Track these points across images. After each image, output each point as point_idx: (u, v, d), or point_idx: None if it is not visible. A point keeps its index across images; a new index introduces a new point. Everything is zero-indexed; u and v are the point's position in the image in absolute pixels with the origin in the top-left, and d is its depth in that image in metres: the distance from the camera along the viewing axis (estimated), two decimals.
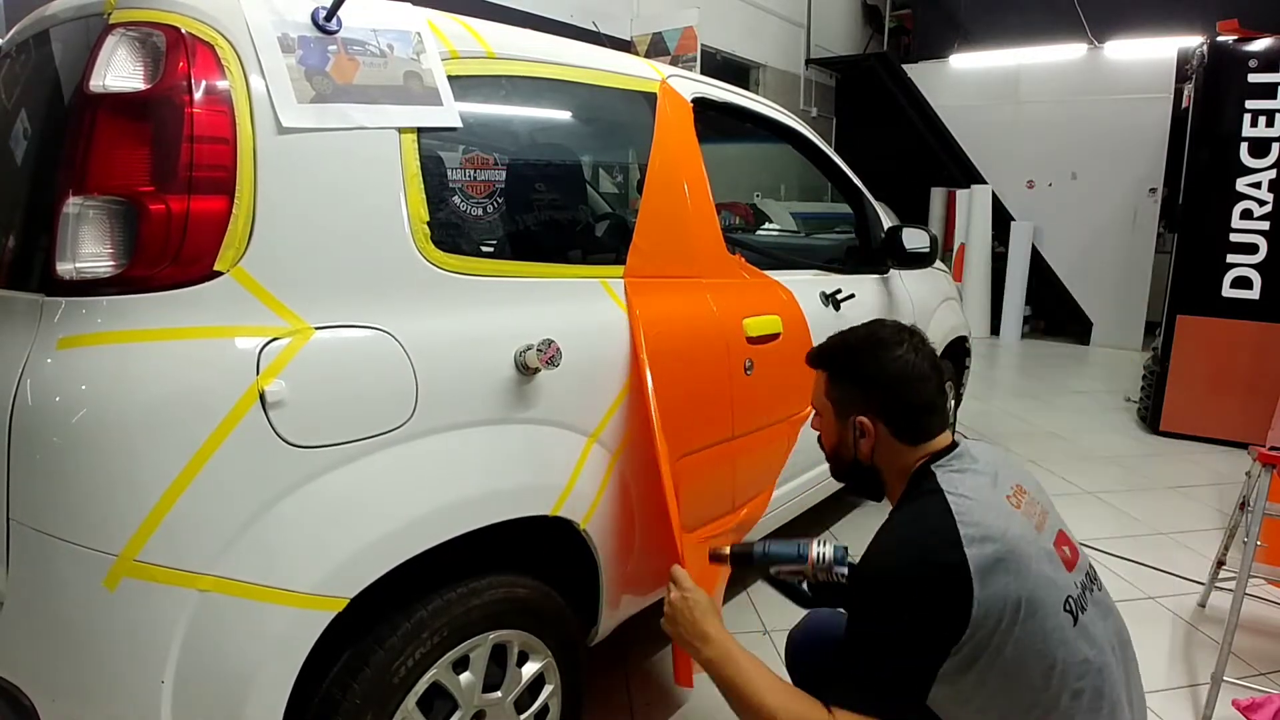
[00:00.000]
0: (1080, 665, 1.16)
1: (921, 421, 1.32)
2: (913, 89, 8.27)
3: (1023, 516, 1.22)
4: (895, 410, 1.32)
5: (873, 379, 1.34)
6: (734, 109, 2.21)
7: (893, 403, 1.32)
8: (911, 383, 1.32)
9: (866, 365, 1.35)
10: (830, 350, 1.42)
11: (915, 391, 1.32)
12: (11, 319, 1.07)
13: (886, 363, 1.32)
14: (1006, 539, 1.14)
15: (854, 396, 1.36)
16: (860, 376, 1.35)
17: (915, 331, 1.37)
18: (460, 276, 1.34)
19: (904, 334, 1.35)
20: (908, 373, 1.31)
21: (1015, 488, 1.29)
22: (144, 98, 1.06)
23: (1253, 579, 2.14)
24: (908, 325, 1.39)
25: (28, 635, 1.03)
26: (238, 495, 1.06)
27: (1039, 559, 1.16)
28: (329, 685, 1.19)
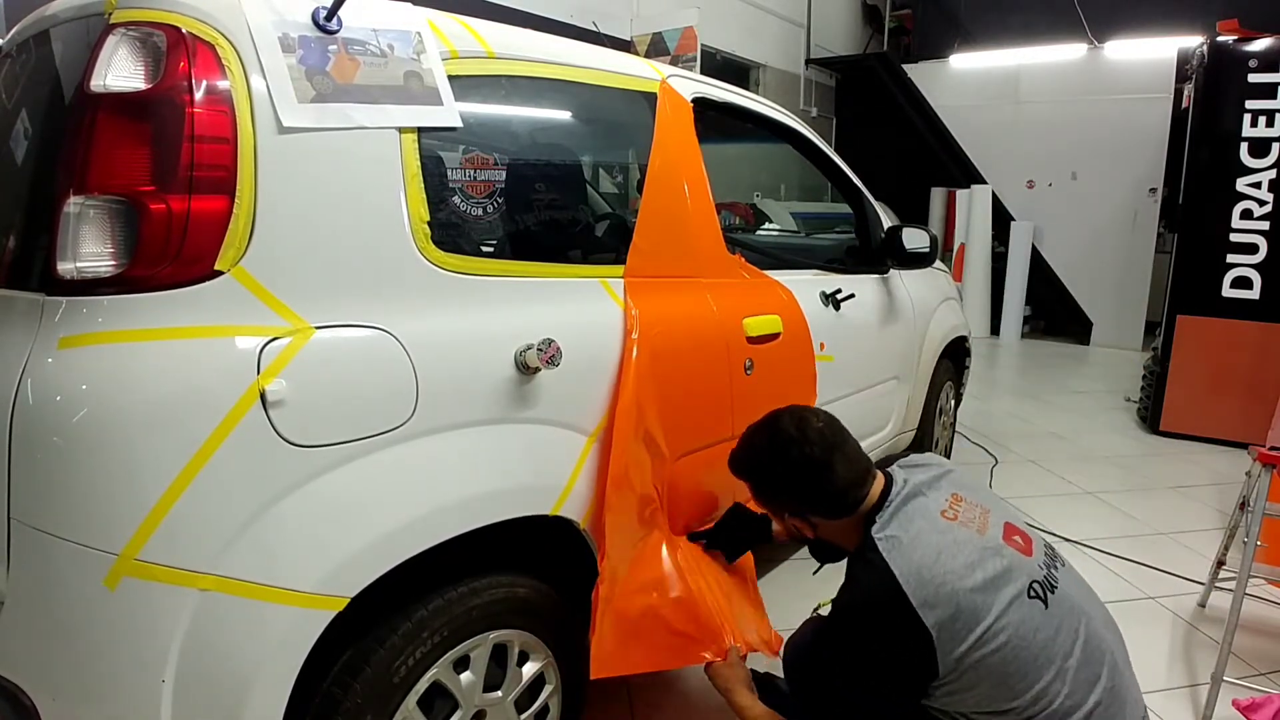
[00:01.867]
0: (1063, 640, 1.26)
1: (845, 499, 1.42)
2: (913, 89, 8.26)
3: (961, 528, 1.33)
4: (817, 503, 1.44)
5: (787, 488, 1.47)
6: (734, 109, 2.21)
7: (812, 498, 1.44)
8: (820, 477, 1.42)
9: (777, 477, 1.48)
10: (744, 465, 1.54)
11: (827, 482, 1.42)
12: (12, 318, 1.07)
13: (791, 468, 1.43)
14: (948, 576, 1.25)
15: (780, 504, 1.52)
16: (776, 489, 1.50)
17: (803, 420, 1.46)
18: (460, 276, 1.34)
19: (791, 431, 1.44)
20: (813, 471, 1.42)
21: (951, 498, 1.40)
22: (144, 97, 1.06)
23: (1253, 579, 2.14)
24: (794, 413, 1.49)
25: (28, 634, 1.03)
26: (238, 494, 1.06)
27: (980, 568, 1.27)
28: (329, 684, 1.19)
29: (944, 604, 1.22)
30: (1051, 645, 1.25)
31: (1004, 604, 1.24)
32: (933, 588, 1.23)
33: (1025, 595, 1.26)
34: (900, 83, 8.30)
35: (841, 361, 2.36)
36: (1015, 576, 1.27)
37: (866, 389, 2.61)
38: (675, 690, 2.04)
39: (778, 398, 2.09)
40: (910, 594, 1.23)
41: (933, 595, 1.22)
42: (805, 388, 2.23)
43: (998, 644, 1.22)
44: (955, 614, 1.22)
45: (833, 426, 1.48)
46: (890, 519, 1.35)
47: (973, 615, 1.22)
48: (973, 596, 1.23)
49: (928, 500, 1.38)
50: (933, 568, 1.25)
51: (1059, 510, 3.37)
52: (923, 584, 1.23)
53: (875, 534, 1.33)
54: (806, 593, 2.56)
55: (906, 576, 1.24)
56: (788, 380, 2.16)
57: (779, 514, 1.54)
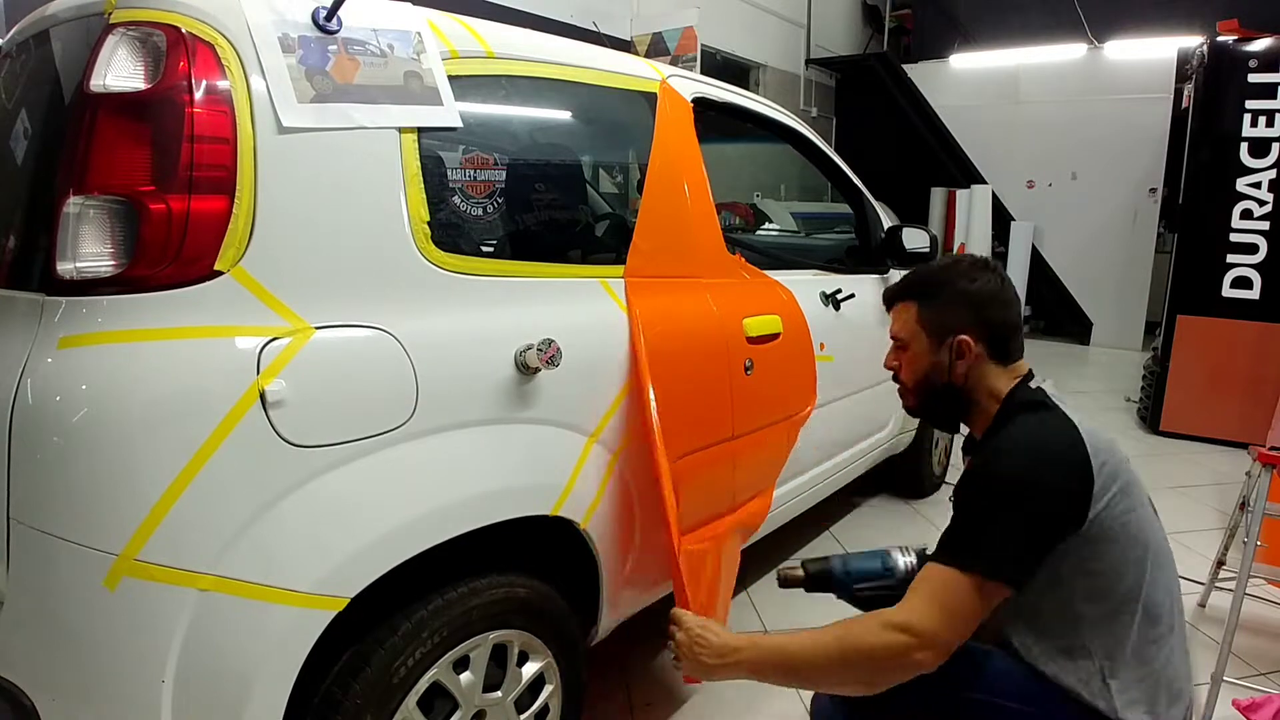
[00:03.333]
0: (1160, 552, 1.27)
1: (1015, 341, 1.37)
2: (913, 89, 8.26)
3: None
4: (994, 327, 1.34)
5: (971, 297, 1.36)
6: (734, 109, 2.21)
7: (991, 320, 1.34)
8: (1006, 303, 1.36)
9: (962, 286, 1.36)
10: (917, 281, 1.43)
11: (1009, 311, 1.36)
12: (12, 319, 1.07)
13: (980, 284, 1.35)
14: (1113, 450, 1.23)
15: (952, 316, 1.36)
16: (958, 296, 1.37)
17: (989, 259, 1.41)
18: (460, 276, 1.34)
19: (985, 261, 1.40)
20: (1000, 293, 1.35)
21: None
22: (144, 97, 1.06)
23: (1253, 579, 2.14)
24: (982, 257, 1.43)
25: (28, 634, 1.03)
26: (238, 495, 1.06)
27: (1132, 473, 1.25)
28: (329, 685, 1.19)
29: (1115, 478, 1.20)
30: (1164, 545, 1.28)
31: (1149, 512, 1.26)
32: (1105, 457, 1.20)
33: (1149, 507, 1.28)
34: (900, 83, 8.30)
35: (841, 361, 2.36)
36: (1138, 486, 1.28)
37: (867, 389, 2.61)
38: (675, 690, 2.04)
39: (778, 398, 2.11)
40: (1090, 450, 1.19)
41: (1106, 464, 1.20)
42: (805, 388, 2.23)
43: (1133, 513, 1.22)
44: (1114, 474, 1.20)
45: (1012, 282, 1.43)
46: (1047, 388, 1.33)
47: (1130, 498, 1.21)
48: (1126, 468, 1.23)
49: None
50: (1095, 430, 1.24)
51: None
52: (1098, 451, 1.20)
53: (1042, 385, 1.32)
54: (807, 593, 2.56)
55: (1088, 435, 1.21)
56: (788, 380, 2.16)
57: (942, 333, 1.37)
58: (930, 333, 1.38)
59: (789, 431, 2.19)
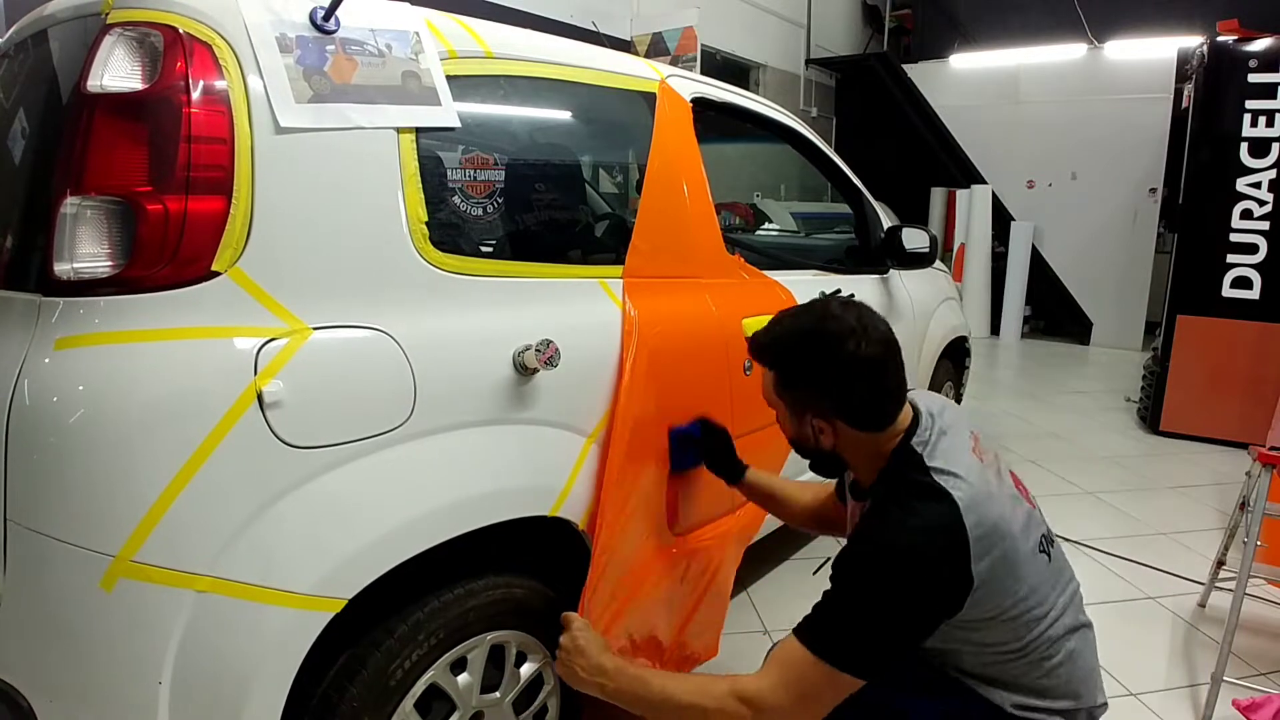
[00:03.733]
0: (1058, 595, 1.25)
1: (883, 410, 1.26)
2: (913, 89, 8.26)
3: (988, 470, 1.25)
4: (853, 408, 1.26)
5: (825, 382, 1.26)
6: (734, 109, 2.21)
7: (849, 401, 1.26)
8: (865, 378, 1.24)
9: (816, 367, 1.25)
10: (774, 349, 1.32)
11: (871, 385, 1.24)
12: (9, 319, 1.07)
13: (837, 361, 1.23)
14: (1000, 522, 1.17)
15: (806, 399, 1.30)
16: (811, 380, 1.28)
17: (863, 313, 1.27)
18: (459, 276, 1.34)
19: (850, 320, 1.25)
20: (860, 369, 1.23)
21: (972, 436, 1.31)
22: (141, 98, 1.06)
23: (1253, 579, 2.14)
24: (853, 304, 1.30)
25: (25, 636, 1.03)
26: (235, 496, 1.05)
27: (1014, 518, 1.21)
28: (326, 687, 1.19)
29: (993, 549, 1.15)
30: (1050, 599, 1.24)
31: (1028, 557, 1.20)
32: (986, 528, 1.14)
33: (1037, 549, 1.22)
34: (900, 83, 8.30)
35: None
36: (1032, 528, 1.23)
37: None
38: None
39: None
40: (970, 533, 1.13)
41: (985, 535, 1.14)
42: None
43: (1018, 596, 1.18)
44: (1000, 560, 1.15)
45: (888, 327, 1.29)
46: (934, 447, 1.23)
47: (1011, 565, 1.16)
48: (1014, 545, 1.17)
49: (958, 437, 1.26)
50: (986, 507, 1.16)
51: (1059, 510, 3.37)
52: (980, 523, 1.14)
53: (928, 460, 1.21)
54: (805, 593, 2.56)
55: (968, 512, 1.14)
56: None
57: (799, 412, 1.31)
58: (789, 407, 1.33)
59: None
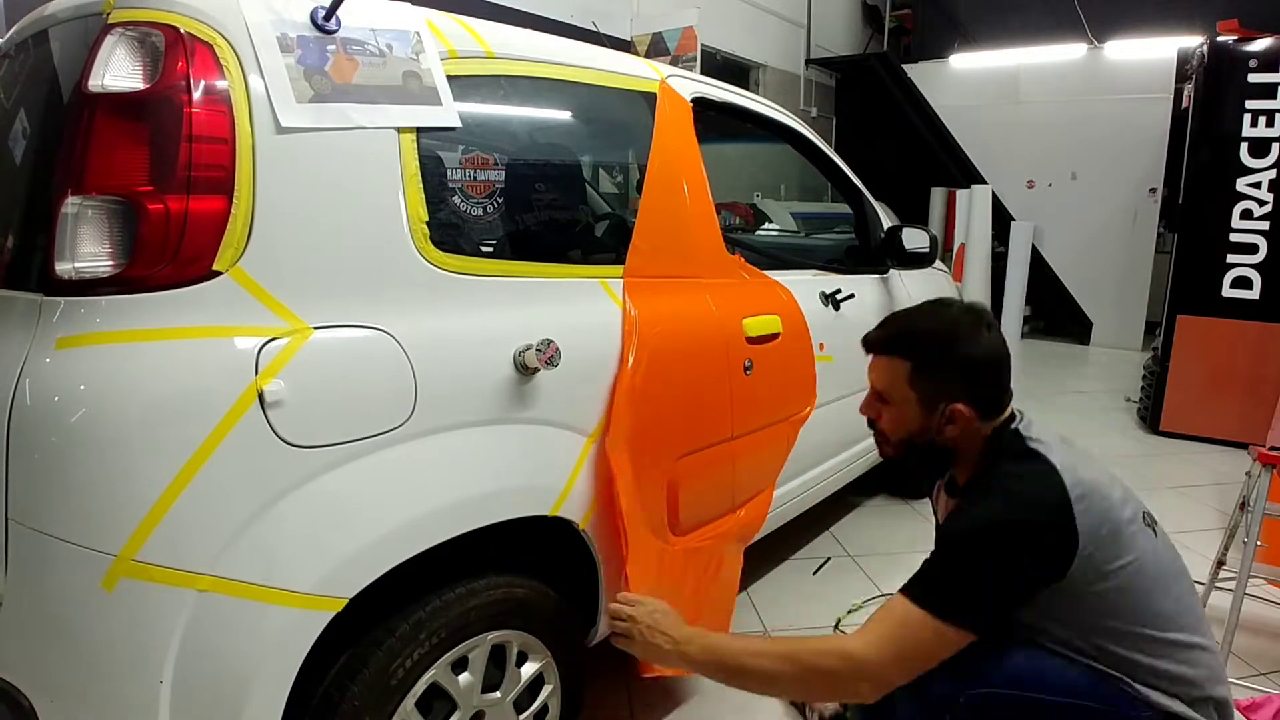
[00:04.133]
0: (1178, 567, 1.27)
1: (1006, 399, 1.34)
2: (913, 89, 8.25)
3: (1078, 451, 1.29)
4: (990, 392, 1.32)
5: (970, 366, 1.31)
6: (734, 109, 2.21)
7: (988, 386, 1.32)
8: (1001, 362, 1.32)
9: (961, 355, 1.31)
10: (913, 340, 1.35)
11: (1004, 370, 1.33)
12: (10, 319, 1.07)
13: (977, 350, 1.30)
14: (1097, 484, 1.21)
15: (948, 384, 1.31)
16: (957, 364, 1.31)
17: (981, 310, 1.36)
18: (459, 276, 1.34)
19: (979, 314, 1.34)
20: (996, 357, 1.31)
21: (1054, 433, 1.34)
22: (142, 97, 1.06)
23: (1253, 579, 2.14)
24: (969, 303, 1.38)
25: (26, 635, 1.03)
26: (236, 495, 1.05)
27: (1111, 487, 1.23)
28: (327, 686, 1.19)
29: (1094, 507, 1.19)
30: (1171, 569, 1.26)
31: (1129, 523, 1.22)
32: (1085, 487, 1.19)
33: (1141, 521, 1.25)
34: (900, 83, 8.30)
35: (841, 362, 2.35)
36: (1130, 501, 1.26)
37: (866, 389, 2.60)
38: (674, 690, 2.04)
39: (777, 398, 2.10)
40: (1070, 491, 1.18)
41: (1085, 495, 1.19)
42: (805, 388, 2.23)
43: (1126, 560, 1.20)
44: (1101, 521, 1.19)
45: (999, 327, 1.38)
46: (1030, 427, 1.31)
47: (1113, 526, 1.20)
48: (1112, 507, 1.21)
49: (1046, 426, 1.33)
50: (1080, 471, 1.22)
51: None
52: (1078, 483, 1.19)
53: (1027, 434, 1.29)
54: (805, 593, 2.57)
55: (1065, 472, 1.20)
56: (787, 380, 2.16)
57: (933, 400, 1.32)
58: (921, 397, 1.33)
59: (789, 432, 2.19)
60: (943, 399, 1.31)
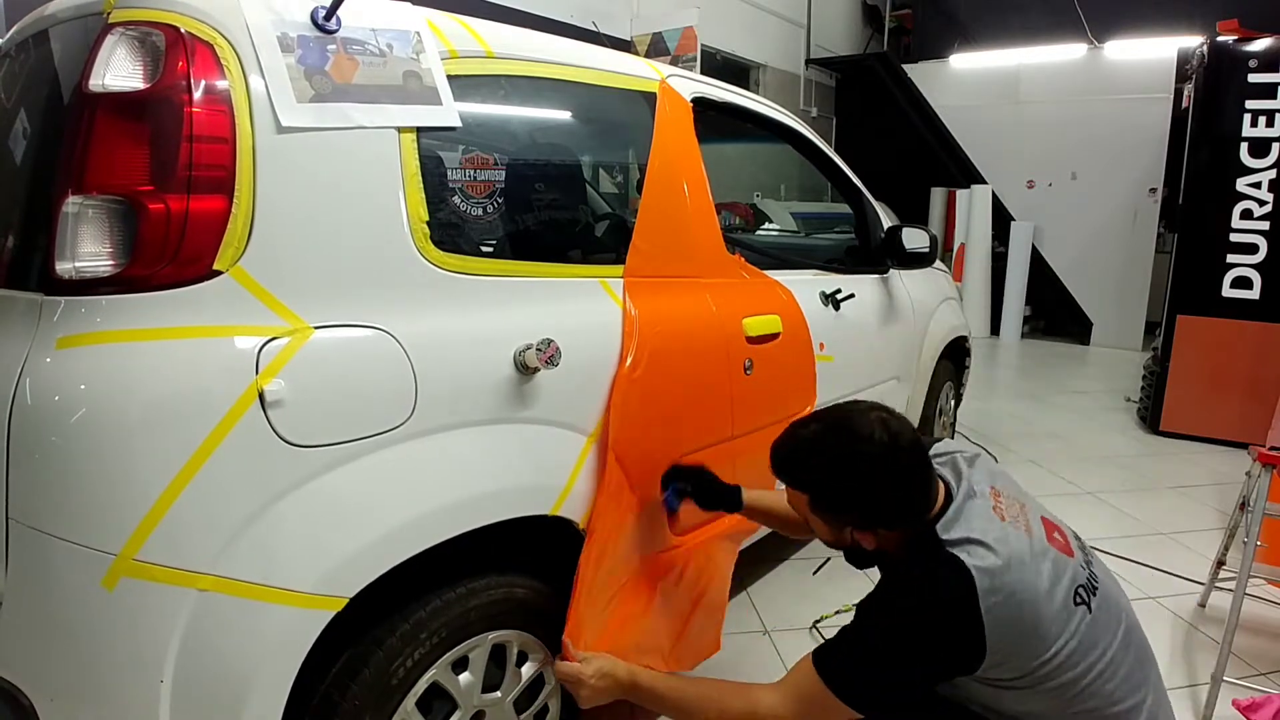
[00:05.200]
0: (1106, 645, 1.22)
1: (922, 510, 1.27)
2: (913, 89, 8.26)
3: (1011, 527, 1.24)
4: (891, 516, 1.28)
5: (867, 503, 1.26)
6: (734, 109, 2.21)
7: (888, 512, 1.28)
8: (903, 488, 1.25)
9: (853, 491, 1.26)
10: (805, 475, 1.33)
11: (908, 492, 1.25)
12: (10, 318, 1.07)
13: (873, 482, 1.24)
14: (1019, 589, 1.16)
15: (846, 519, 1.31)
16: (848, 504, 1.29)
17: (887, 420, 1.27)
18: (460, 276, 1.34)
19: (880, 435, 1.24)
20: (897, 482, 1.24)
21: (991, 492, 1.31)
22: (143, 97, 1.06)
23: (1253, 579, 2.14)
24: (875, 410, 1.30)
25: (26, 634, 1.03)
26: (237, 494, 1.05)
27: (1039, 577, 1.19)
28: (327, 686, 1.19)
29: (1011, 617, 1.14)
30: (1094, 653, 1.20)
31: (1058, 616, 1.18)
32: (1003, 595, 1.14)
33: (1072, 602, 1.19)
34: (900, 83, 8.30)
35: (841, 361, 2.36)
36: (1063, 580, 1.20)
37: (866, 389, 2.61)
38: None
39: (777, 398, 2.10)
40: (982, 600, 1.13)
41: (1001, 604, 1.14)
42: (805, 388, 2.23)
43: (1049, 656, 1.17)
44: (1018, 627, 1.15)
45: (910, 424, 1.30)
46: (953, 522, 1.24)
47: (1032, 628, 1.16)
48: (1035, 608, 1.16)
49: (978, 501, 1.26)
50: (1004, 575, 1.16)
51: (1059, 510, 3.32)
52: (995, 590, 1.14)
53: (944, 535, 1.22)
54: (805, 593, 2.57)
55: (982, 578, 1.15)
56: (787, 380, 2.16)
57: (838, 528, 1.33)
58: (826, 524, 1.35)
59: None
60: (844, 526, 1.33)
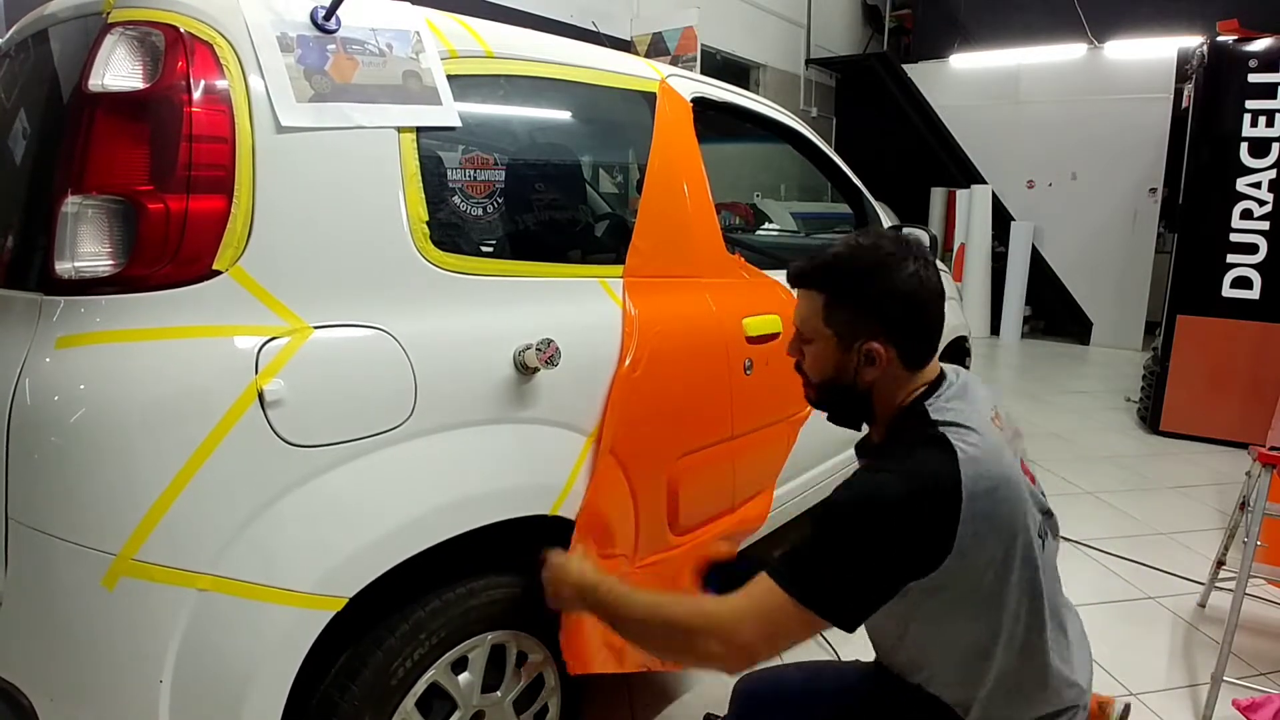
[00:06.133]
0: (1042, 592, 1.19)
1: (931, 344, 1.23)
2: (913, 89, 8.26)
3: (1002, 437, 1.21)
4: (910, 333, 1.21)
5: (888, 300, 1.20)
6: (734, 109, 2.21)
7: (909, 325, 1.21)
8: (928, 302, 1.20)
9: (880, 284, 1.19)
10: (828, 269, 1.24)
11: (928, 314, 1.21)
12: (10, 318, 1.07)
13: (900, 281, 1.18)
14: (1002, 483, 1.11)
15: (865, 320, 1.21)
16: (874, 297, 1.20)
17: (916, 242, 1.23)
18: (459, 276, 1.34)
19: (908, 246, 1.21)
20: (923, 291, 1.19)
21: (994, 411, 1.26)
22: (143, 97, 1.06)
23: (1253, 579, 2.14)
24: (904, 235, 1.26)
25: (26, 634, 1.03)
26: (236, 494, 1.05)
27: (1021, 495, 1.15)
28: (327, 686, 1.19)
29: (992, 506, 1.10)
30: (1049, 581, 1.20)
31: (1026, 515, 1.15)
32: (991, 482, 1.10)
33: (1034, 534, 1.18)
34: (900, 83, 8.30)
35: None
36: (1030, 511, 1.18)
37: None
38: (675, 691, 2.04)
39: (778, 398, 2.10)
40: (965, 486, 1.08)
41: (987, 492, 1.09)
42: None
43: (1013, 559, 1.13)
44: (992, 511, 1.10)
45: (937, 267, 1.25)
46: (948, 403, 1.19)
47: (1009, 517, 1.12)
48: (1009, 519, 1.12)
49: (977, 402, 1.22)
50: (992, 463, 1.11)
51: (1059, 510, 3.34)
52: (981, 476, 1.10)
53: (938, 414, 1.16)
54: None
55: (968, 465, 1.09)
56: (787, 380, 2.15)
57: (850, 336, 1.22)
58: (837, 334, 1.24)
59: (789, 431, 2.19)
60: (859, 335, 1.21)
